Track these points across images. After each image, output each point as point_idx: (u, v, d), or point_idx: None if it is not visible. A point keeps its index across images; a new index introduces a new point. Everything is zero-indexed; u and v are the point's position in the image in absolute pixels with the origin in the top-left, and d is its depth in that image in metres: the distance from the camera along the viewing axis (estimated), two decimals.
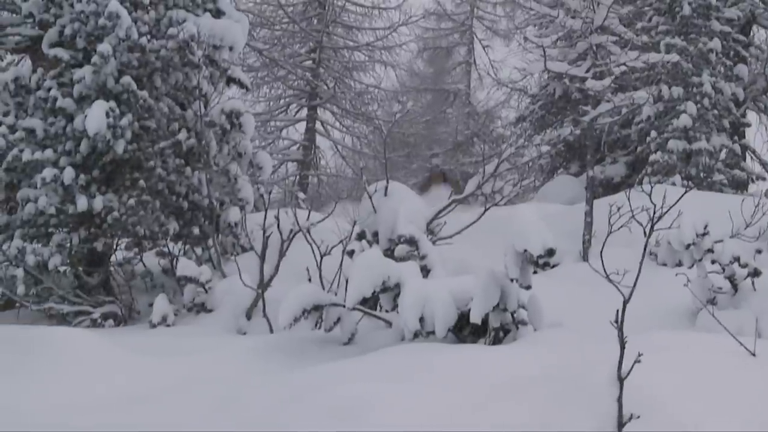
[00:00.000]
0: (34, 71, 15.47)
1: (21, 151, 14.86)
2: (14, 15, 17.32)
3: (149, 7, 15.66)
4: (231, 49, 16.34)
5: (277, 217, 14.72)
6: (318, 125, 35.90)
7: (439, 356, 8.83)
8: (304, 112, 35.92)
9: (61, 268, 14.93)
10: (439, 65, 41.17)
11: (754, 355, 7.59)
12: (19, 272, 14.48)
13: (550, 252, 10.83)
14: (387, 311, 11.09)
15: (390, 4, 36.58)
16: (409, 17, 36.81)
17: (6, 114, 15.29)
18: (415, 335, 10.23)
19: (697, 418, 6.38)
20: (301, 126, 36.01)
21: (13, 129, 15.04)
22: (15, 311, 15.04)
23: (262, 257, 14.40)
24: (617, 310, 6.52)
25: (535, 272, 11.23)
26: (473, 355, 8.85)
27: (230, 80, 16.98)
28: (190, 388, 9.44)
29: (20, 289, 14.53)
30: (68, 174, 14.56)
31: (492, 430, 6.73)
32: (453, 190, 22.91)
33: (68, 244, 14.82)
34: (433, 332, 10.13)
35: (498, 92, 36.94)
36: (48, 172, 14.54)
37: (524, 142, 27.68)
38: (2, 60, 18.07)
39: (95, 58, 14.70)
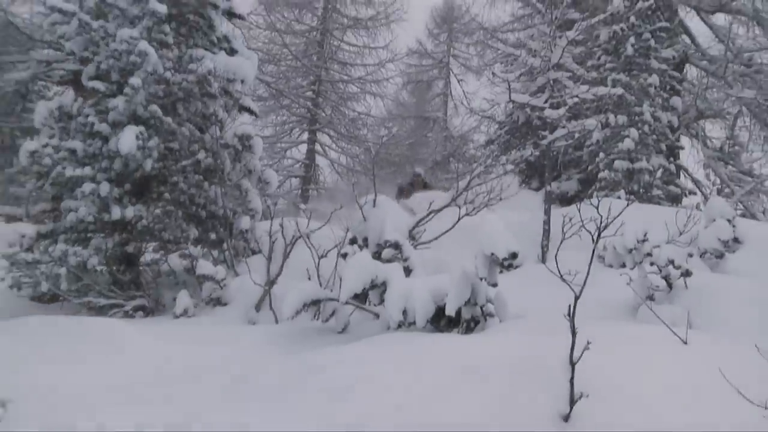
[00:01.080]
0: (75, 100, 15.48)
1: (64, 168, 14.85)
2: (59, 52, 17.33)
3: (173, 46, 15.67)
4: (242, 81, 16.35)
5: (281, 225, 14.78)
6: (317, 147, 35.91)
7: (418, 343, 8.85)
8: (306, 135, 35.93)
9: (98, 268, 14.91)
10: (421, 96, 41.23)
11: (685, 343, 7.63)
12: (63, 271, 14.49)
13: (514, 255, 10.86)
14: (375, 305, 11.09)
15: (379, 44, 36.75)
16: (395, 55, 37.06)
17: (51, 137, 15.30)
18: (399, 325, 10.26)
19: (638, 396, 6.41)
20: (303, 147, 36.00)
21: (57, 149, 15.04)
22: (59, 304, 15.03)
23: (269, 259, 14.42)
24: (569, 305, 6.55)
25: (500, 272, 11.23)
26: (448, 342, 8.86)
27: (242, 108, 16.99)
28: (208, 370, 9.46)
29: (64, 285, 14.55)
30: (104, 188, 14.58)
31: (462, 407, 6.76)
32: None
33: (104, 247, 14.83)
34: (414, 323, 10.16)
35: (470, 119, 37.03)
36: (87, 186, 14.56)
37: (492, 162, 27.69)
38: (49, 91, 17.96)
39: (127, 89, 14.71)
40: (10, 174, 17.51)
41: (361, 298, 11.16)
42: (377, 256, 13.16)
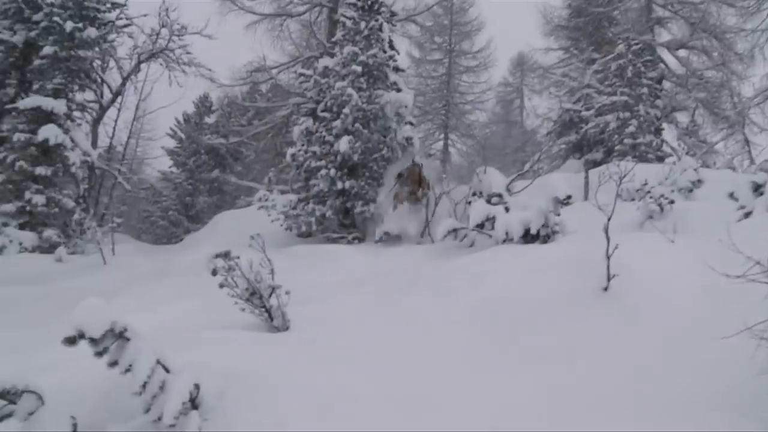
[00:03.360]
0: (314, 124, 15.80)
1: (310, 162, 15.24)
2: (303, 98, 17.76)
3: (365, 89, 15.75)
4: (405, 107, 16.31)
5: (432, 187, 14.83)
6: (449, 141, 35.84)
7: (515, 250, 8.83)
8: (442, 135, 35.86)
9: (331, 216, 15.23)
10: (506, 108, 40.40)
11: (673, 242, 7.42)
12: (312, 219, 14.90)
13: (568, 197, 10.72)
14: (489, 230, 11.06)
15: (481, 80, 36.47)
16: (490, 86, 36.88)
17: (302, 145, 15.67)
18: (503, 241, 10.25)
19: (647, 272, 6.30)
20: (440, 143, 35.97)
21: (306, 152, 15.41)
22: (312, 238, 15.45)
23: (426, 206, 14.49)
24: (604, 224, 6.45)
25: (561, 207, 11.11)
26: (532, 249, 8.82)
27: (406, 122, 16.96)
28: (395, 270, 9.64)
29: (313, 227, 15.00)
30: (332, 172, 14.87)
31: (543, 284, 6.75)
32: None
33: (334, 205, 15.13)
34: (512, 239, 10.13)
35: (537, 120, 36.05)
36: (323, 172, 14.88)
37: (551, 144, 27.14)
38: (299, 119, 18.30)
39: (342, 116, 14.95)
40: (281, 167, 18.08)
41: (480, 226, 11.17)
42: (488, 201, 13.10)
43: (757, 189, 11.18)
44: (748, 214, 10.43)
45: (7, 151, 17.36)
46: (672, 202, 11.72)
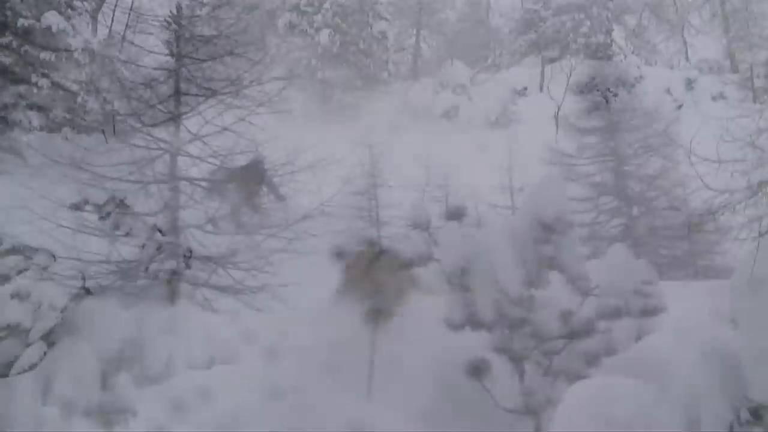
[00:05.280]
0: (297, 17, 15.21)
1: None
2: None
3: None
4: (381, 3, 15.72)
5: None
6: (421, 37, 34.74)
7: (478, 133, 8.76)
8: (415, 30, 34.53)
9: None
10: (474, 8, 37.76)
11: None
12: None
13: (524, 88, 10.51)
14: (454, 117, 10.94)
15: None
16: None
17: (286, 37, 15.14)
18: None
19: None
20: (413, 38, 34.75)
21: (289, 44, 14.89)
22: None
23: None
24: (554, 112, 6.39)
25: (518, 98, 10.95)
26: (493, 133, 8.77)
27: (381, 18, 16.28)
28: None
29: None
30: (313, 62, 14.41)
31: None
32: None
33: None
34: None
35: (501, 19, 34.45)
36: (305, 62, 14.44)
37: (513, 41, 26.56)
38: (284, 13, 17.57)
39: (323, 10, 14.45)
40: None
41: (446, 114, 11.01)
42: (454, 92, 12.85)
43: (689, 84, 11.39)
44: (680, 106, 10.70)
45: (13, 36, 16.62)
46: (616, 95, 11.70)
